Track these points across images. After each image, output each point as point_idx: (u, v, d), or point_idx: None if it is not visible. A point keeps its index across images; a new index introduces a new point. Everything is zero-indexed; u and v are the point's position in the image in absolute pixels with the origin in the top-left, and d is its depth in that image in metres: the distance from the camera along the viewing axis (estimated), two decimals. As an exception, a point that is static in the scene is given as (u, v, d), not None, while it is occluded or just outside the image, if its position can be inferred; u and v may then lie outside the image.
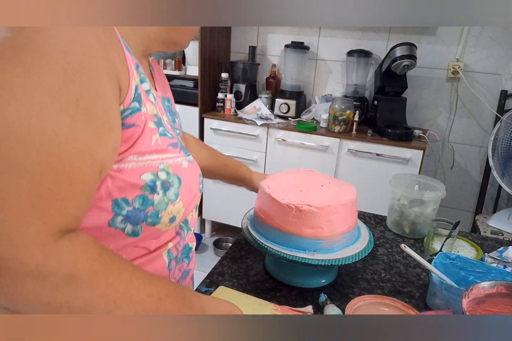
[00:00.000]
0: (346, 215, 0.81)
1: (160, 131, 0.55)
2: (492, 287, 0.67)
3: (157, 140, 0.54)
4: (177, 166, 0.57)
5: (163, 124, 0.56)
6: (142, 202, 0.52)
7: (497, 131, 1.86)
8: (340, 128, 2.06)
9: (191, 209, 0.64)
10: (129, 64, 0.49)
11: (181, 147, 0.62)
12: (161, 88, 0.68)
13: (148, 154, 0.52)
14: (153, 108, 0.54)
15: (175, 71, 2.36)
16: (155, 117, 0.54)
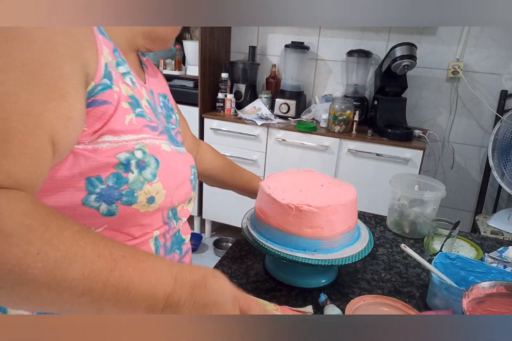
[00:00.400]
0: (346, 215, 0.81)
1: (137, 112, 0.56)
2: (492, 287, 0.67)
3: (131, 120, 0.55)
4: (155, 147, 0.57)
5: (142, 107, 0.58)
6: (116, 180, 0.52)
7: (497, 131, 1.86)
8: (340, 128, 2.06)
9: (179, 198, 0.63)
10: (99, 43, 0.52)
11: (167, 134, 0.64)
12: (155, 84, 0.71)
13: (123, 135, 0.53)
14: (128, 90, 0.56)
15: (175, 71, 2.36)
16: (130, 98, 0.56)
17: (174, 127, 0.73)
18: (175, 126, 0.74)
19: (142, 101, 0.59)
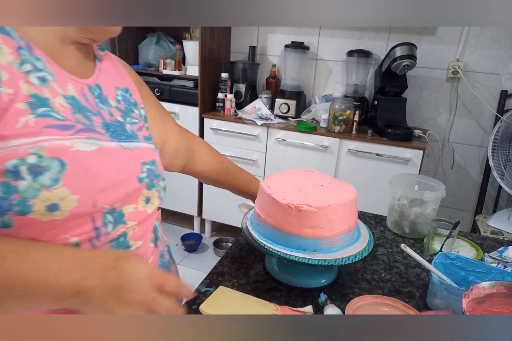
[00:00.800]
0: (346, 215, 0.81)
1: (39, 112, 0.52)
2: (492, 287, 0.67)
3: (27, 122, 0.51)
4: (60, 149, 0.52)
5: (50, 106, 0.54)
6: (4, 190, 0.48)
7: (497, 131, 1.86)
8: (340, 128, 2.06)
9: (114, 200, 0.58)
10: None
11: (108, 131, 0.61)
12: (109, 78, 0.68)
13: (13, 139, 0.49)
14: (31, 89, 0.52)
15: (175, 71, 2.36)
16: (30, 97, 0.52)
17: (136, 122, 0.69)
18: (137, 121, 0.70)
19: (55, 99, 0.55)
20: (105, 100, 0.64)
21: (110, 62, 0.73)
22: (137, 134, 0.68)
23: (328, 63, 2.37)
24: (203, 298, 0.77)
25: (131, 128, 0.67)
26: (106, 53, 0.73)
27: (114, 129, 0.62)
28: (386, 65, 2.02)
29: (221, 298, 0.77)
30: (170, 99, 2.35)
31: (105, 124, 0.61)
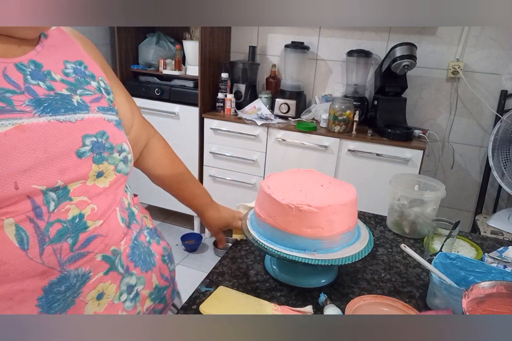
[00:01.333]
0: (346, 215, 0.81)
1: None
2: (492, 287, 0.67)
3: None
4: None
5: None
6: None
7: (497, 131, 1.86)
8: (340, 128, 2.06)
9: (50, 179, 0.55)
10: None
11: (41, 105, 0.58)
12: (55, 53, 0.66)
13: None
14: None
15: (175, 71, 2.36)
16: None
17: (90, 94, 0.67)
18: (91, 93, 0.67)
19: None
20: (43, 76, 0.61)
21: (60, 37, 0.69)
22: (87, 105, 0.65)
23: (328, 63, 2.37)
24: (203, 298, 0.77)
25: (80, 99, 0.64)
26: (57, 28, 0.70)
27: (49, 104, 0.59)
28: (386, 65, 2.02)
29: (221, 298, 0.77)
30: (170, 99, 2.35)
31: (36, 100, 0.58)
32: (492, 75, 2.07)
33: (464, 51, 2.09)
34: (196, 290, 0.85)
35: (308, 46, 2.29)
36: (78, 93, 0.64)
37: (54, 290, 0.56)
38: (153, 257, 0.74)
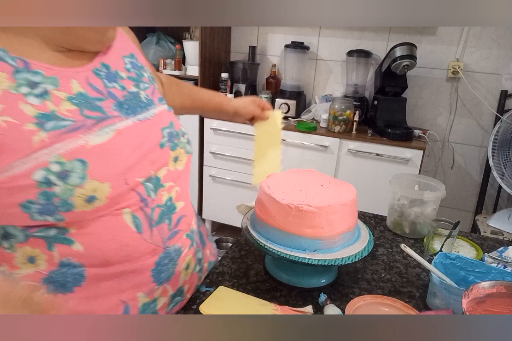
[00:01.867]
0: (346, 215, 0.81)
1: (49, 128, 0.54)
2: (492, 287, 0.67)
3: (40, 138, 0.54)
4: (77, 150, 0.55)
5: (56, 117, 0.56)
6: (45, 197, 0.53)
7: (497, 131, 1.86)
8: (340, 128, 2.06)
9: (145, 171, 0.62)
10: None
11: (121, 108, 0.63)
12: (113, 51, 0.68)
13: (33, 153, 0.53)
14: (33, 110, 0.54)
15: (175, 71, 2.36)
16: (36, 119, 0.54)
17: (148, 86, 0.71)
18: (148, 85, 0.71)
19: (59, 107, 0.57)
20: (114, 77, 0.65)
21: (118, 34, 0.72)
22: (151, 99, 0.70)
23: (328, 63, 2.37)
24: (203, 298, 0.77)
25: (145, 94, 0.69)
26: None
27: (129, 105, 0.65)
28: (386, 65, 2.02)
29: (221, 298, 0.77)
30: (170, 99, 2.35)
31: (118, 103, 0.63)
32: (492, 75, 2.07)
33: (464, 51, 2.09)
34: (196, 290, 0.85)
35: (308, 46, 2.29)
36: (141, 88, 0.69)
37: (161, 263, 0.67)
38: (204, 236, 0.86)
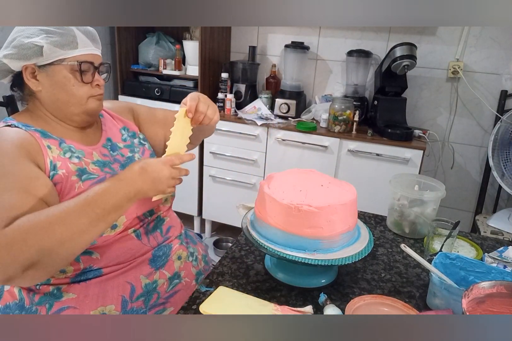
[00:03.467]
0: (346, 215, 0.81)
1: (84, 178, 0.83)
2: (492, 287, 0.67)
3: (80, 186, 0.82)
4: None
5: (88, 172, 0.85)
6: None
7: (497, 131, 1.86)
8: (340, 128, 2.06)
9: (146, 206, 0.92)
10: (43, 148, 0.81)
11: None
12: (112, 126, 0.99)
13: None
14: (74, 166, 0.83)
15: (175, 71, 2.36)
16: (76, 172, 0.83)
17: (139, 149, 1.00)
18: (139, 148, 1.00)
19: (88, 166, 0.86)
20: (116, 147, 0.95)
21: (107, 112, 1.01)
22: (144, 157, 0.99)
23: (328, 63, 2.37)
24: (203, 298, 0.77)
25: (138, 156, 0.98)
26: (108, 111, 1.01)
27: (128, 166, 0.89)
28: (386, 65, 2.02)
29: (221, 298, 0.77)
30: (170, 99, 2.35)
31: (122, 165, 0.93)
32: (492, 75, 2.07)
33: (464, 51, 2.08)
34: (196, 290, 0.85)
35: (308, 46, 2.29)
36: (136, 151, 0.99)
37: (156, 255, 0.93)
38: (193, 237, 1.11)
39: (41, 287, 0.83)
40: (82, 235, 0.71)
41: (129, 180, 0.75)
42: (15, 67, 0.83)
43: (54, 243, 0.68)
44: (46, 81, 0.83)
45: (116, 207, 0.74)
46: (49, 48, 0.79)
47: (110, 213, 0.73)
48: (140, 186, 0.75)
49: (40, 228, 0.67)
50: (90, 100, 0.87)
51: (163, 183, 0.77)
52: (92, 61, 0.85)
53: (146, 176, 0.76)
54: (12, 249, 0.65)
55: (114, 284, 0.86)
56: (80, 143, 0.89)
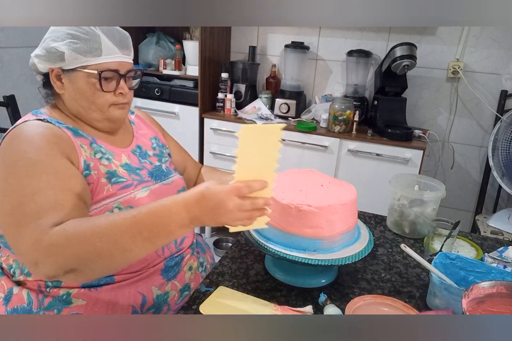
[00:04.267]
0: (346, 215, 0.81)
1: (112, 181, 0.83)
2: (492, 287, 0.67)
3: (108, 189, 0.82)
4: (130, 200, 0.84)
5: (117, 175, 0.84)
6: None
7: (497, 131, 1.86)
8: (340, 128, 2.06)
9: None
10: (77, 146, 0.80)
11: (152, 176, 0.92)
12: (143, 135, 1.00)
13: (103, 200, 0.81)
14: (104, 168, 0.83)
15: (175, 71, 2.36)
16: (106, 174, 0.83)
17: (167, 160, 1.01)
18: (167, 159, 1.01)
19: (118, 168, 0.86)
20: (145, 155, 0.96)
21: (140, 120, 1.04)
22: (170, 170, 1.00)
23: (328, 63, 2.37)
24: (203, 298, 0.77)
25: (166, 166, 0.99)
26: (135, 115, 1.04)
27: (156, 174, 0.94)
28: (386, 65, 2.02)
29: (221, 298, 0.77)
30: (170, 99, 2.35)
31: (150, 172, 0.93)
32: (492, 75, 2.07)
33: (464, 51, 2.08)
34: (196, 290, 0.85)
35: (308, 46, 2.28)
36: (163, 161, 0.99)
37: (168, 265, 0.90)
38: (203, 246, 1.10)
39: (51, 290, 0.81)
40: (124, 252, 0.67)
41: (185, 204, 0.67)
42: (42, 68, 0.83)
43: (92, 255, 0.66)
44: (69, 86, 0.83)
45: (166, 231, 0.67)
46: (70, 55, 0.79)
47: (158, 236, 0.67)
48: (196, 214, 0.66)
49: (82, 238, 0.66)
50: (111, 108, 0.86)
51: (225, 215, 0.66)
52: (117, 69, 0.83)
53: (204, 204, 0.66)
54: (52, 251, 0.65)
55: (125, 293, 0.83)
56: (110, 144, 0.88)
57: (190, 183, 1.13)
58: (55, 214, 0.69)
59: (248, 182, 0.67)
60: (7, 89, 2.15)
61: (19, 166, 0.73)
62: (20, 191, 0.71)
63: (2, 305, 0.83)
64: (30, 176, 0.72)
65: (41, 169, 0.73)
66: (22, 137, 0.77)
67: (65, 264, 0.66)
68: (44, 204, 0.69)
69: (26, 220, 0.68)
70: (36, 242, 0.66)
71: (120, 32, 0.85)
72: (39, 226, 0.67)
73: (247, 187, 0.66)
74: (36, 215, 0.68)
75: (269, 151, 0.67)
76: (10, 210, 0.70)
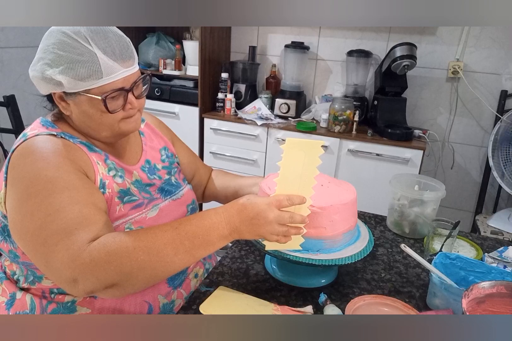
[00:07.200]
0: (347, 214, 0.81)
1: (125, 201, 0.81)
2: (492, 287, 0.67)
3: (120, 208, 0.80)
4: (141, 220, 0.83)
5: (129, 193, 0.83)
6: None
7: (497, 131, 1.86)
8: (340, 128, 2.06)
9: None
10: (94, 163, 0.78)
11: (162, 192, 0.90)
12: (153, 147, 0.95)
13: (116, 221, 0.79)
14: (117, 187, 0.81)
15: (175, 71, 2.36)
16: (118, 193, 0.81)
17: (176, 170, 0.98)
18: (176, 169, 0.99)
19: (130, 186, 0.84)
20: (153, 170, 0.92)
21: (150, 130, 0.99)
22: (179, 182, 0.97)
23: (328, 63, 2.37)
24: (203, 298, 0.77)
25: (175, 178, 0.96)
26: (145, 123, 0.99)
27: (166, 189, 0.92)
28: (386, 65, 2.02)
29: (221, 298, 0.77)
30: (170, 99, 2.35)
31: (159, 189, 0.91)
32: (492, 75, 2.07)
33: (464, 51, 2.08)
34: (196, 290, 0.85)
35: (308, 46, 2.28)
36: (172, 173, 0.96)
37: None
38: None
39: (55, 296, 0.79)
40: (166, 265, 0.67)
41: (226, 214, 0.69)
42: (43, 91, 0.78)
43: (135, 269, 0.65)
44: (74, 108, 0.77)
45: (207, 242, 0.68)
46: (69, 82, 0.72)
47: (199, 248, 0.67)
48: (236, 225, 0.68)
49: (125, 252, 0.65)
50: (122, 123, 0.79)
51: (264, 226, 0.67)
52: (122, 86, 0.75)
53: (245, 214, 0.68)
54: (95, 268, 0.64)
55: (131, 302, 0.81)
56: (120, 161, 0.85)
57: (200, 187, 1.11)
58: (87, 229, 0.67)
59: (288, 195, 0.69)
60: (7, 89, 2.15)
61: (39, 185, 0.69)
62: (43, 209, 0.68)
63: (4, 310, 0.81)
64: (51, 193, 0.69)
65: (62, 186, 0.70)
66: (37, 155, 0.72)
67: (107, 279, 0.64)
68: (71, 219, 0.67)
69: (55, 238, 0.66)
70: (74, 259, 0.64)
71: (119, 42, 0.77)
72: (74, 242, 0.65)
73: (288, 199, 0.68)
74: (65, 232, 0.66)
75: (309, 166, 0.68)
76: (35, 230, 0.67)
